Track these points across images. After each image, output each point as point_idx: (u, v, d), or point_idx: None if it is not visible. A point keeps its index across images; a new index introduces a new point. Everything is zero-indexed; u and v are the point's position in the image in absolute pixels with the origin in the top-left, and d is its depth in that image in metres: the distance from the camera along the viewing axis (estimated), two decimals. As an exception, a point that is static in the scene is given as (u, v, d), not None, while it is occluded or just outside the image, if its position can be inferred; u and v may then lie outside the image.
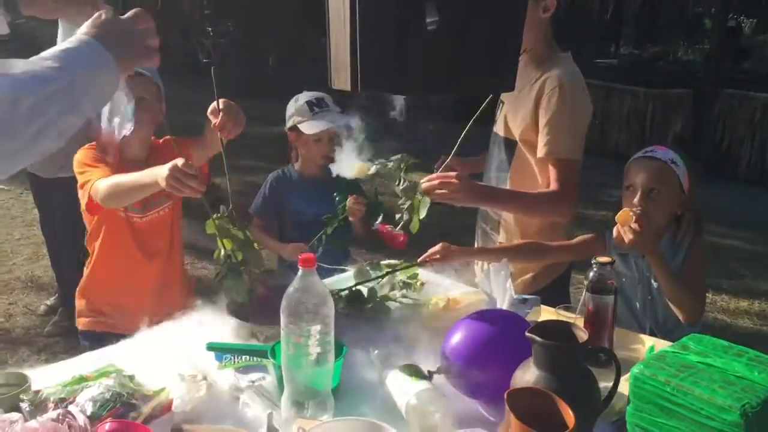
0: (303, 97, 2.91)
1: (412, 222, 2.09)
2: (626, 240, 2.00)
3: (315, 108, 2.86)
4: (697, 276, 2.14)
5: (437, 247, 2.14)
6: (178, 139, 2.31)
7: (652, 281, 2.14)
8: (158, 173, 2.04)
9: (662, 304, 2.12)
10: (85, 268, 2.60)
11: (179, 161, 1.99)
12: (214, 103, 2.11)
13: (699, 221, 2.20)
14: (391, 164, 2.13)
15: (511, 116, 2.27)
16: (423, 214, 2.10)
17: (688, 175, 2.15)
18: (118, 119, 1.52)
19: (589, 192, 2.36)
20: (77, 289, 2.62)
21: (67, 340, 4.07)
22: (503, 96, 2.33)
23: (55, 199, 4.08)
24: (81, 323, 2.58)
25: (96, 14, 1.30)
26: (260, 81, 13.41)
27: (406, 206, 2.12)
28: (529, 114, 2.18)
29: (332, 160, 2.91)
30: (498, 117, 2.39)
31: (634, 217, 2.00)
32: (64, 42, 1.24)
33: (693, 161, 2.21)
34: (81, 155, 2.43)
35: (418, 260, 2.15)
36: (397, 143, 2.29)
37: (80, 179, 2.37)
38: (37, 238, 5.41)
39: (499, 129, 2.37)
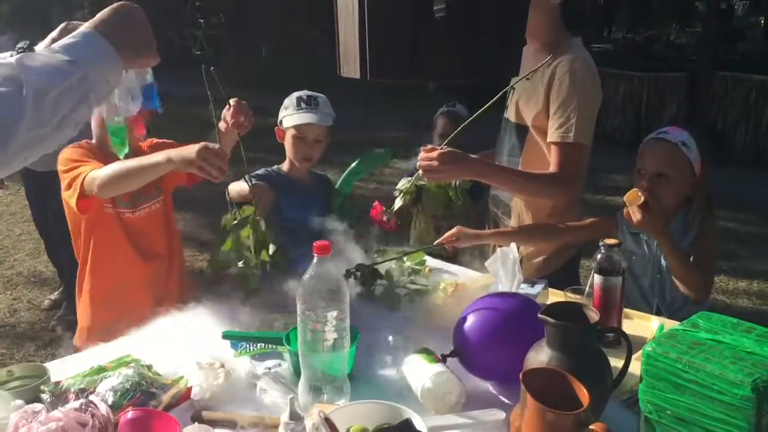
0: (297, 93, 2.68)
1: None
2: (634, 220, 2.02)
3: (303, 104, 2.62)
4: (705, 256, 2.14)
5: (452, 231, 2.17)
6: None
7: (662, 261, 2.15)
8: (172, 153, 2.00)
9: (671, 284, 2.14)
10: (77, 284, 2.40)
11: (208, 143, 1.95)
12: (226, 108, 2.15)
13: (710, 203, 2.20)
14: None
15: (523, 102, 2.27)
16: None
17: (700, 156, 2.14)
18: (132, 99, 1.53)
19: (585, 177, 2.37)
20: (77, 305, 2.44)
21: (72, 334, 4.06)
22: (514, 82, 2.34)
23: (52, 191, 4.06)
24: (79, 342, 2.39)
25: (111, 7, 1.32)
26: (253, 72, 13.32)
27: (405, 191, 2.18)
28: (541, 99, 2.19)
29: (312, 163, 2.64)
30: (509, 103, 2.39)
31: (642, 198, 2.01)
32: (71, 36, 1.26)
33: (706, 143, 2.20)
34: (68, 153, 2.23)
35: (434, 243, 2.17)
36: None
37: (68, 177, 2.18)
38: (38, 234, 5.40)
39: (510, 115, 2.37)
